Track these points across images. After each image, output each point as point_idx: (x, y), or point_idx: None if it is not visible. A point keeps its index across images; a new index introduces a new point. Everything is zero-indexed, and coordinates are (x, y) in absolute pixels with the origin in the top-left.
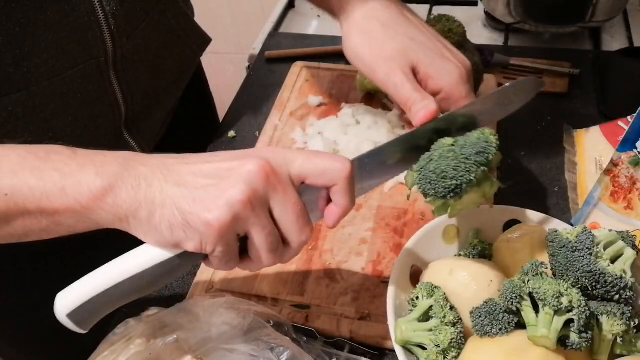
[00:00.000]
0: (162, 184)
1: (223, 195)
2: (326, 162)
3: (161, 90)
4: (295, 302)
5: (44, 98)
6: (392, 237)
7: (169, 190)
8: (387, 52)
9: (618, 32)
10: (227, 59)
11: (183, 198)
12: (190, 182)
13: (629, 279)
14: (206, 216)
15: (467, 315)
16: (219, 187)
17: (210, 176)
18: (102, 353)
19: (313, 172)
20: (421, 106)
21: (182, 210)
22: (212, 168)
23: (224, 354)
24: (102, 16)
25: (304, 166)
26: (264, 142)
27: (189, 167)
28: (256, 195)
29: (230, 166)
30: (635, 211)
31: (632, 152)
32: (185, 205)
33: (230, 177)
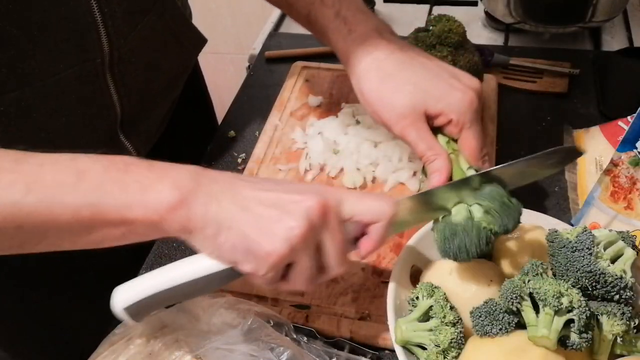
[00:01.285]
0: (231, 207)
1: (285, 228)
2: (374, 202)
3: (157, 92)
4: (295, 302)
5: (38, 98)
6: (392, 237)
7: (237, 214)
8: (398, 110)
9: (618, 32)
10: (227, 59)
11: (249, 225)
12: (256, 210)
13: (629, 279)
14: (267, 247)
15: (467, 315)
16: (282, 220)
17: (274, 206)
18: (102, 353)
19: (361, 212)
20: (434, 168)
21: (246, 236)
22: (276, 198)
23: (224, 354)
24: (100, 18)
25: (355, 206)
26: (264, 142)
27: (255, 193)
28: (312, 231)
29: (292, 199)
30: (635, 211)
31: (632, 152)
32: (250, 232)
33: (292, 211)
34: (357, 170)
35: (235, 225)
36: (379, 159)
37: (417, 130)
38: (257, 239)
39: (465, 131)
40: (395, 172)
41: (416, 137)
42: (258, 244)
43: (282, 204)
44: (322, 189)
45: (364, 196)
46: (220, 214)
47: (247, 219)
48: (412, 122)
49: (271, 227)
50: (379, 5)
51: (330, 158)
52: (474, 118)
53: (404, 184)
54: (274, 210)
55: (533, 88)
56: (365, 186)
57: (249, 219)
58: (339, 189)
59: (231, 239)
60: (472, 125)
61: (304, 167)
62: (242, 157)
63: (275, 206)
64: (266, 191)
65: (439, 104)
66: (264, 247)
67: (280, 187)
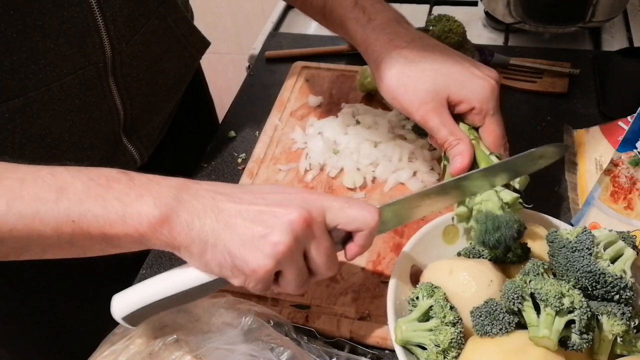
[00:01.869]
0: (214, 224)
1: (269, 244)
2: (357, 212)
3: (160, 95)
4: (295, 302)
5: (41, 104)
6: (392, 237)
7: (220, 232)
8: (420, 94)
9: (618, 32)
10: (227, 59)
11: (233, 242)
12: (239, 226)
13: (629, 279)
14: (253, 264)
15: (467, 315)
16: (265, 235)
17: (257, 221)
18: (102, 353)
19: (345, 220)
20: (457, 152)
21: (231, 254)
22: (258, 211)
23: (224, 354)
24: (102, 22)
25: (338, 215)
26: (264, 142)
27: (237, 207)
28: (297, 243)
29: (275, 213)
30: (635, 211)
31: (632, 152)
32: (235, 250)
33: (275, 225)
34: (357, 170)
35: (220, 243)
36: (379, 159)
37: (440, 115)
38: (242, 256)
39: (488, 118)
40: (395, 172)
41: (438, 123)
42: (244, 261)
43: (265, 219)
44: (306, 198)
45: (348, 205)
46: (204, 231)
47: (230, 237)
48: (434, 107)
49: (255, 244)
50: None
51: (330, 158)
52: (496, 105)
53: (404, 184)
54: (257, 225)
55: (533, 88)
56: (365, 186)
57: (232, 236)
58: (323, 196)
59: (217, 256)
60: (495, 113)
61: (304, 167)
62: (242, 157)
63: (258, 221)
64: (248, 204)
65: (462, 91)
66: (250, 264)
67: (262, 199)
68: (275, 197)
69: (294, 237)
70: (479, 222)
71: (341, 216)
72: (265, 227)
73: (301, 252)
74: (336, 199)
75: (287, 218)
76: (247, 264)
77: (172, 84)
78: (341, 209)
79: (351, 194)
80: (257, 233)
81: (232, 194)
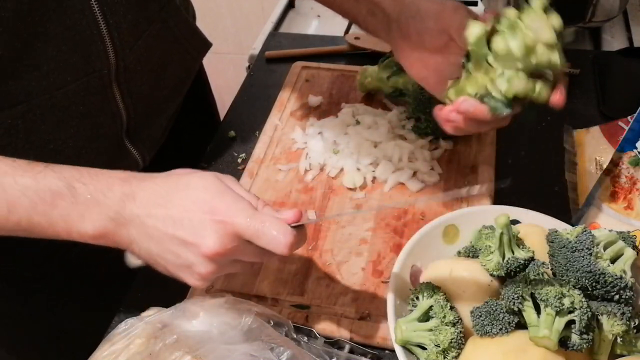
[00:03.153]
0: (150, 245)
1: (196, 274)
2: (268, 242)
3: (162, 98)
4: (295, 302)
5: (45, 111)
6: (392, 237)
7: (155, 254)
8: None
9: (618, 32)
10: (227, 59)
11: (169, 265)
12: (170, 254)
13: (629, 279)
14: (190, 282)
15: (467, 315)
16: (191, 267)
17: (181, 254)
18: (102, 353)
19: (261, 244)
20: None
21: (170, 271)
22: (181, 242)
23: (224, 354)
24: (105, 29)
25: (254, 239)
26: (264, 142)
27: (162, 236)
28: (221, 266)
29: (191, 247)
30: (635, 211)
31: (632, 152)
32: (172, 271)
33: (195, 261)
34: (357, 170)
35: (158, 261)
36: (379, 159)
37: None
38: (180, 277)
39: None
40: (395, 172)
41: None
42: (182, 278)
43: (186, 253)
44: (219, 225)
45: (258, 236)
46: (142, 248)
47: (166, 262)
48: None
49: (186, 271)
50: None
51: (330, 158)
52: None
53: (404, 184)
54: (182, 257)
55: None
56: (365, 186)
57: (167, 262)
58: (237, 219)
59: (161, 268)
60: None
61: (304, 167)
62: (242, 157)
63: (182, 252)
64: (172, 232)
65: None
66: (188, 281)
67: (181, 226)
68: (192, 223)
69: (215, 264)
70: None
71: (256, 240)
72: (188, 260)
73: (232, 261)
74: (250, 223)
75: (202, 251)
76: (186, 281)
77: (174, 86)
78: (253, 237)
79: (351, 194)
80: (184, 263)
81: (159, 217)
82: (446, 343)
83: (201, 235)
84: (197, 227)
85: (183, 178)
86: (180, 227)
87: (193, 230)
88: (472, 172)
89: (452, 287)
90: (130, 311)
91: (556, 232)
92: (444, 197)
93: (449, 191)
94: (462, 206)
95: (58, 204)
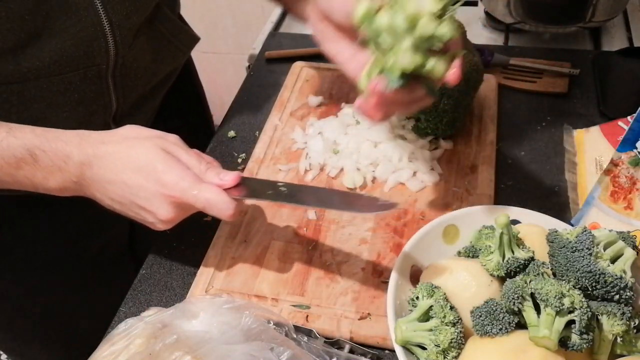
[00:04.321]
0: (114, 205)
1: (157, 225)
2: (215, 213)
3: (150, 89)
4: (295, 302)
5: (40, 93)
6: (392, 237)
7: (119, 210)
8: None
9: (618, 32)
10: (227, 59)
11: (132, 217)
12: (130, 209)
13: (629, 279)
14: (156, 229)
15: (467, 315)
16: (151, 223)
17: (139, 210)
18: (102, 353)
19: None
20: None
21: (137, 220)
22: (139, 208)
23: (224, 354)
24: (108, 27)
25: (199, 209)
26: (264, 142)
27: (122, 200)
28: (175, 222)
29: (145, 214)
30: (635, 211)
31: (632, 152)
32: (137, 220)
33: (154, 222)
34: (357, 170)
35: (122, 213)
36: (379, 159)
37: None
38: (143, 222)
39: None
40: (395, 172)
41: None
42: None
43: (143, 214)
44: (164, 196)
45: (207, 207)
46: (106, 205)
47: (127, 215)
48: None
49: (147, 223)
50: None
51: (330, 158)
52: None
53: (404, 184)
54: (141, 216)
55: (533, 88)
56: (365, 186)
57: (128, 215)
58: (183, 191)
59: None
60: None
61: (304, 167)
62: (242, 157)
63: (140, 214)
64: (129, 197)
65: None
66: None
67: (130, 196)
68: (147, 195)
69: (172, 223)
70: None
71: (203, 210)
72: (147, 219)
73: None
74: (197, 198)
75: (158, 218)
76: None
77: (162, 79)
78: (201, 208)
79: None
80: (145, 220)
81: (117, 184)
82: (446, 343)
83: (156, 206)
84: (151, 199)
85: (132, 150)
86: (136, 196)
87: (148, 201)
88: (472, 172)
89: (452, 287)
90: (130, 311)
91: (556, 232)
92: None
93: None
94: (462, 206)
95: (22, 167)
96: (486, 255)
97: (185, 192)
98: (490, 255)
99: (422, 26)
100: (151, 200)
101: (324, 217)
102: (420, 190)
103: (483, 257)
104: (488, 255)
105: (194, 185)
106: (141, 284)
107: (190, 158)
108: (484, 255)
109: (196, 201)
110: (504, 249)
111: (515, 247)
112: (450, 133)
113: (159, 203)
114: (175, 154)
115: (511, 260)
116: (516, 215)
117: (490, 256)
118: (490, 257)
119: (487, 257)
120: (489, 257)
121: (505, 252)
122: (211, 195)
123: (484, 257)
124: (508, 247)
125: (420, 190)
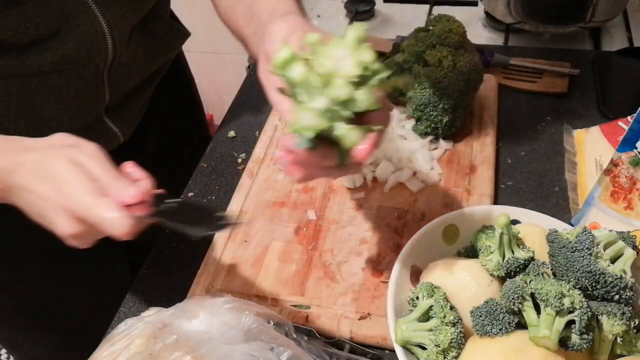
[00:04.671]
0: (32, 215)
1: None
2: (110, 232)
3: (141, 83)
4: (295, 302)
5: (39, 87)
6: (392, 237)
7: (37, 220)
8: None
9: (618, 32)
10: (227, 59)
11: (45, 224)
12: (43, 220)
13: (629, 279)
14: (70, 242)
15: (467, 315)
16: (63, 238)
17: (48, 224)
18: (102, 353)
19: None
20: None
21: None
22: (44, 216)
23: (224, 354)
24: (107, 29)
25: (95, 225)
26: (264, 141)
27: (33, 202)
28: (83, 235)
29: (52, 222)
30: (635, 211)
31: (632, 152)
32: (51, 229)
33: (61, 235)
34: None
35: (37, 220)
36: (379, 159)
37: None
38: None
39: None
40: (395, 172)
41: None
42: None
43: (53, 227)
44: (69, 207)
45: (101, 224)
46: (27, 213)
47: (41, 223)
48: None
49: (60, 236)
50: (379, 5)
51: None
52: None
53: (404, 184)
54: (53, 229)
55: (533, 88)
56: (366, 186)
57: (41, 223)
58: (85, 205)
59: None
60: None
61: None
62: (242, 157)
63: (51, 227)
64: (38, 210)
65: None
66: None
67: (44, 209)
68: (49, 207)
69: (79, 239)
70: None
71: (98, 228)
72: (58, 233)
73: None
74: (92, 213)
75: (59, 232)
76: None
77: (154, 72)
78: (97, 225)
79: (351, 194)
80: (57, 233)
81: (33, 194)
82: (446, 343)
83: (55, 220)
84: (51, 210)
85: (44, 159)
86: (40, 207)
87: (49, 212)
88: (472, 172)
89: (452, 287)
90: (131, 311)
91: (556, 232)
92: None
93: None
94: (462, 206)
95: None
96: (486, 255)
97: (83, 205)
98: (490, 255)
99: (335, 88)
100: (52, 212)
101: (324, 217)
102: (420, 190)
103: (483, 257)
104: (488, 255)
105: (93, 199)
106: (141, 284)
107: (102, 171)
108: (484, 255)
109: (92, 216)
110: (504, 249)
111: (515, 247)
112: (450, 133)
113: (58, 216)
114: (87, 166)
115: (511, 260)
116: (516, 215)
117: (490, 256)
118: (490, 257)
119: (487, 257)
120: (489, 257)
121: (505, 252)
122: (103, 210)
123: (484, 257)
124: (508, 247)
125: (420, 190)
